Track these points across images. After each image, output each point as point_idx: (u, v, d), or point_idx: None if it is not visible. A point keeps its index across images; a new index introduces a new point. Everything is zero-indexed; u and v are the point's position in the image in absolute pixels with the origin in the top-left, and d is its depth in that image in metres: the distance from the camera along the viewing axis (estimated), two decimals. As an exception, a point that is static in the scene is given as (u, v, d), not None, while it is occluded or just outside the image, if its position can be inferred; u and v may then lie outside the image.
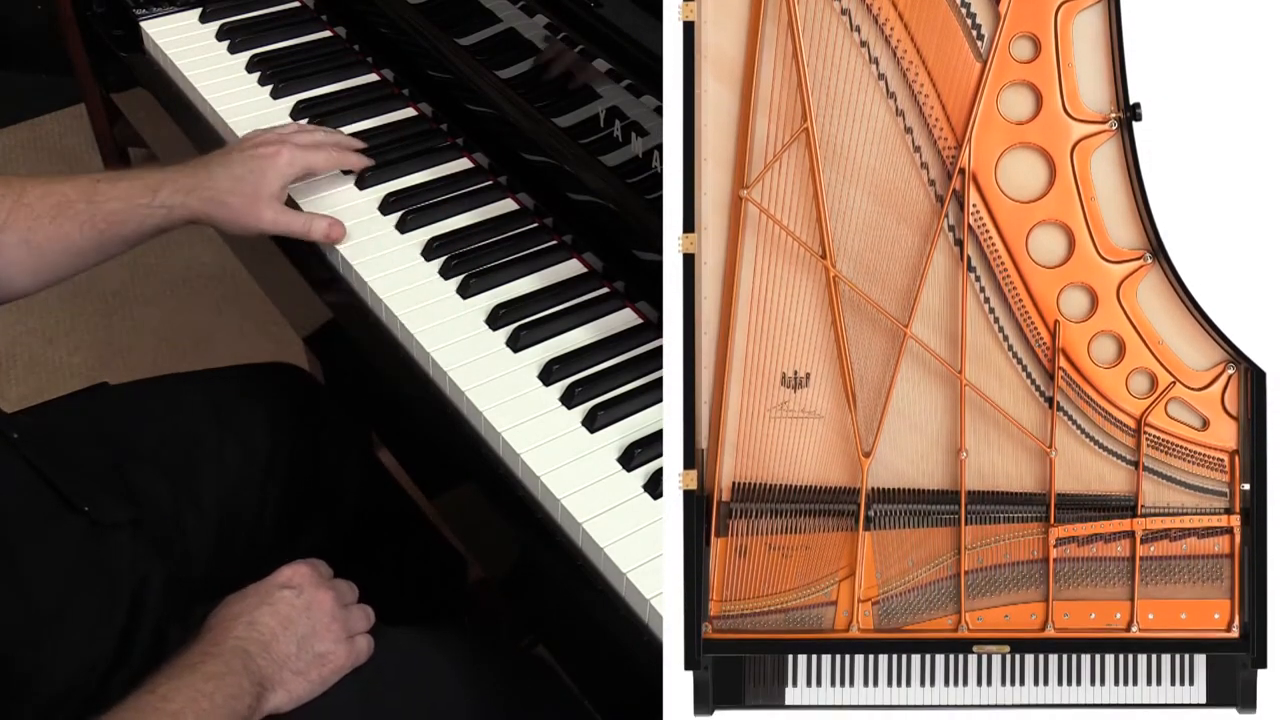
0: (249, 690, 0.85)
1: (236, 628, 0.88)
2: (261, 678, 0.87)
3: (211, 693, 0.83)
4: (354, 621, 0.94)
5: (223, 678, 0.84)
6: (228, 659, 0.86)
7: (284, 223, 1.06)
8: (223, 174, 1.05)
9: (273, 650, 0.88)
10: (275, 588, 0.92)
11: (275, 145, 1.07)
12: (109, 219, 1.01)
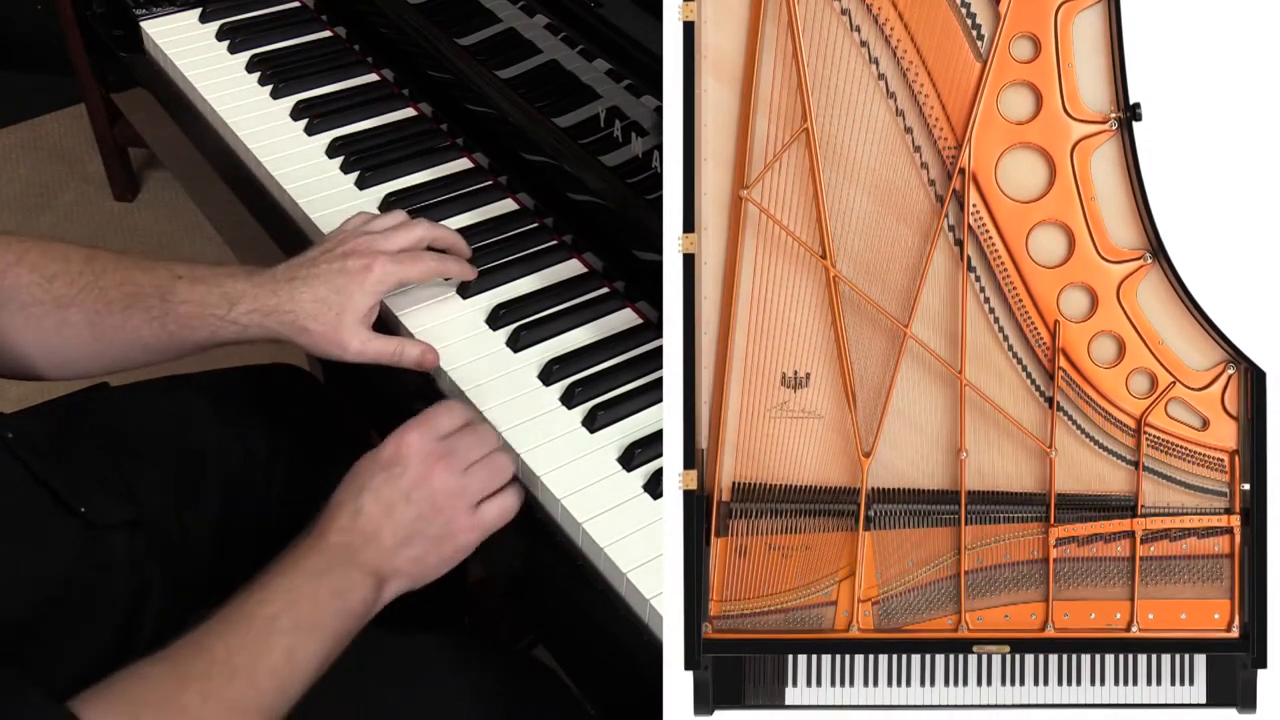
0: (360, 583, 0.82)
1: (340, 518, 0.84)
2: (374, 569, 0.83)
3: (315, 591, 0.80)
4: (473, 487, 0.87)
5: (326, 573, 0.81)
6: (331, 553, 0.82)
7: (371, 352, 0.96)
8: (306, 295, 0.94)
9: (379, 540, 0.83)
10: (379, 467, 0.86)
11: (367, 258, 0.96)
12: (180, 321, 0.94)
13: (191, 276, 0.95)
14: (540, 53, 1.10)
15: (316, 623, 0.79)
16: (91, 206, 2.41)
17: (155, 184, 2.44)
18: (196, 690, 0.73)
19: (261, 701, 0.75)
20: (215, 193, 1.29)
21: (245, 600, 0.79)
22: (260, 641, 0.77)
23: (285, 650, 0.77)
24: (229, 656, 0.75)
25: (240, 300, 0.94)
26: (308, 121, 1.23)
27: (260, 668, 0.76)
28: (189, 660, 0.75)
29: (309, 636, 0.79)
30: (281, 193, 1.17)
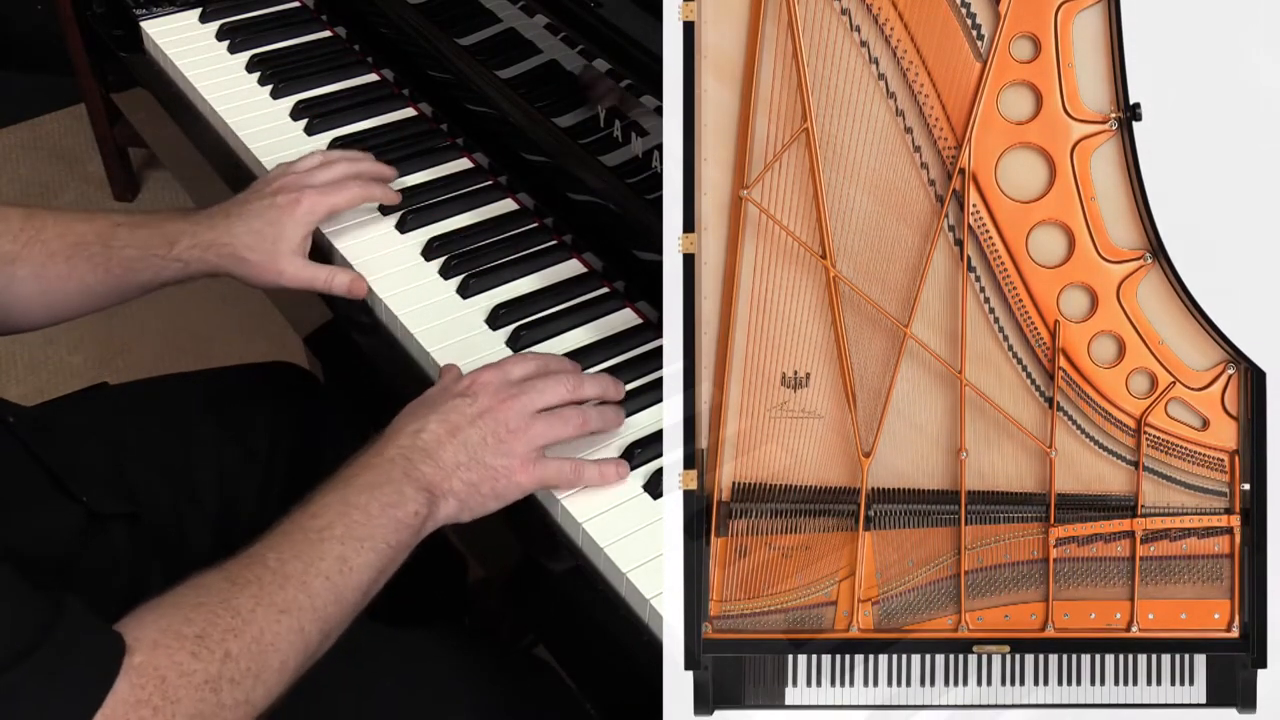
0: (413, 496, 0.82)
1: (401, 437, 0.85)
2: (428, 484, 0.83)
3: (365, 504, 0.80)
4: (539, 430, 0.87)
5: (379, 487, 0.82)
6: (385, 469, 0.83)
7: (305, 278, 1.02)
8: (241, 227, 1.01)
9: (438, 457, 0.84)
10: (450, 395, 0.88)
11: (295, 192, 1.03)
12: (124, 265, 0.98)
13: (130, 223, 1.00)
14: (540, 53, 1.10)
15: (368, 533, 0.79)
16: (91, 206, 2.41)
17: (155, 184, 2.44)
18: (249, 595, 0.74)
19: (314, 605, 0.76)
20: (215, 193, 1.29)
21: (298, 514, 0.80)
22: (312, 550, 0.77)
23: (338, 558, 0.78)
24: (281, 565, 0.76)
25: (180, 239, 0.99)
26: (308, 121, 1.23)
27: (313, 574, 0.76)
28: (242, 569, 0.76)
29: (362, 546, 0.79)
30: (281, 193, 1.17)
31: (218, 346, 2.02)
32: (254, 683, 0.72)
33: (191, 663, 0.69)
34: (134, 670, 0.67)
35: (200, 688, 0.69)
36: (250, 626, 0.72)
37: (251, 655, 0.72)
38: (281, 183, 1.05)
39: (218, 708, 0.70)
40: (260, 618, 0.73)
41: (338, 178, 1.06)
